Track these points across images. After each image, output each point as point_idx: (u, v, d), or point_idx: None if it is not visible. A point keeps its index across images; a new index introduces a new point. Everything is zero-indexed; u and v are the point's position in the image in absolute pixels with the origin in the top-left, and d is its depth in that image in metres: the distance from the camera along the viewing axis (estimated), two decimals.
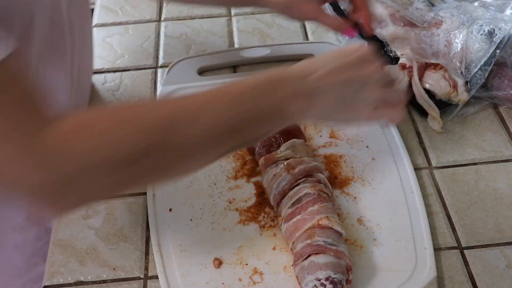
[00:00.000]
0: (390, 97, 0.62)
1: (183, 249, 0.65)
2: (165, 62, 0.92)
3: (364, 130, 0.78)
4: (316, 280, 0.57)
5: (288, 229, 0.63)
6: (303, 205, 0.63)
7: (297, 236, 0.62)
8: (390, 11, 0.89)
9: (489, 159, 0.76)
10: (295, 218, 0.63)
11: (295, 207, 0.64)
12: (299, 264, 0.60)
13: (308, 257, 0.59)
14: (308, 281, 0.58)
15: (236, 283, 0.62)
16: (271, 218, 0.68)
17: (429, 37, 0.85)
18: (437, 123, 0.79)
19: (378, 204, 0.69)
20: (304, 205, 0.63)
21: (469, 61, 0.82)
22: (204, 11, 1.02)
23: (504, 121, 0.81)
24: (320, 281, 0.57)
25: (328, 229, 0.61)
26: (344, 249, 0.61)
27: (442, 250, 0.66)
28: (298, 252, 0.61)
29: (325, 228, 0.61)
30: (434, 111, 0.79)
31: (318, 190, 0.65)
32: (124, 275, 0.65)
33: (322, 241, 0.60)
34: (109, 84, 0.88)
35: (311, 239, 0.60)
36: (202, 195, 0.71)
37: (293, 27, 0.98)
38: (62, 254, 0.67)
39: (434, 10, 0.91)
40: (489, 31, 0.81)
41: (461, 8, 0.88)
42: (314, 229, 0.61)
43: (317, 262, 0.58)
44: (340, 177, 0.72)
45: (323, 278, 0.57)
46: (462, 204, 0.71)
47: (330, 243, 0.60)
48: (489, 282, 0.63)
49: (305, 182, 0.66)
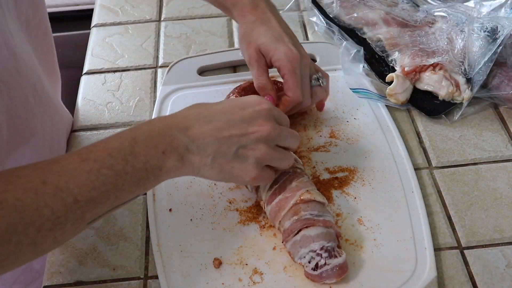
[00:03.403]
0: (279, 158, 0.61)
1: (183, 249, 0.65)
2: (165, 62, 0.92)
3: (364, 130, 0.78)
4: (311, 252, 0.60)
5: (272, 210, 0.65)
6: (281, 185, 0.65)
7: (283, 215, 0.63)
8: (381, 14, 0.90)
9: (489, 159, 0.76)
10: (277, 198, 0.64)
11: (274, 188, 0.65)
12: (291, 240, 0.62)
13: (299, 232, 0.61)
14: (302, 254, 0.61)
15: (236, 283, 0.62)
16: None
17: (424, 36, 0.86)
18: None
19: (378, 204, 0.69)
20: (282, 185, 0.65)
21: (471, 59, 0.82)
22: (204, 11, 1.02)
23: (504, 121, 0.81)
24: (315, 251, 0.60)
25: (311, 202, 0.63)
26: (330, 218, 0.63)
27: (442, 250, 0.66)
28: (288, 229, 0.62)
29: (308, 201, 0.63)
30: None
31: (292, 167, 0.66)
32: (124, 275, 0.65)
33: (308, 214, 0.62)
34: (109, 84, 0.88)
35: (298, 215, 0.62)
36: (202, 195, 0.71)
37: (293, 27, 0.97)
38: (62, 254, 0.66)
39: (422, 10, 0.91)
40: (492, 28, 0.82)
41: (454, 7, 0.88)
42: (298, 205, 0.63)
43: (309, 235, 0.61)
44: (340, 177, 0.72)
45: (317, 248, 0.60)
46: (462, 204, 0.71)
47: (317, 215, 0.62)
48: (489, 282, 0.63)
49: None
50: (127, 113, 0.84)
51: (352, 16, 0.92)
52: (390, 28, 0.88)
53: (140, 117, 0.83)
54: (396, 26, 0.88)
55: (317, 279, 0.61)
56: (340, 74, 0.85)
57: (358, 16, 0.92)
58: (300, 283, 0.62)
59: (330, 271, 0.60)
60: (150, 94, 0.87)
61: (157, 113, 0.81)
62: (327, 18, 0.94)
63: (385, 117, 0.80)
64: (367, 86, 0.84)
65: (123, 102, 0.85)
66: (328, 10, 0.95)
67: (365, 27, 0.91)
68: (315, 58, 0.90)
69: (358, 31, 0.92)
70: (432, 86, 0.82)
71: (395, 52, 0.86)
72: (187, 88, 0.84)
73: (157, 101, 0.83)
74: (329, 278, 0.60)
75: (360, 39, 0.90)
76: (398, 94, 0.81)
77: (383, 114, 0.80)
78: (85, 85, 0.89)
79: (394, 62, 0.86)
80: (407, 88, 0.82)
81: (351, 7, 0.93)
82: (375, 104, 0.82)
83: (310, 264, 0.60)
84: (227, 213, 0.69)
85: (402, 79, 0.81)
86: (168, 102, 0.83)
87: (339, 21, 0.93)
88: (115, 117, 0.83)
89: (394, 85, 0.81)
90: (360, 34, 0.91)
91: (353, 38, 0.90)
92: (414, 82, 0.83)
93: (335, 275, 0.60)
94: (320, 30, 0.95)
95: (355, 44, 0.89)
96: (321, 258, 0.60)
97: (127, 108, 0.84)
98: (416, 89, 0.83)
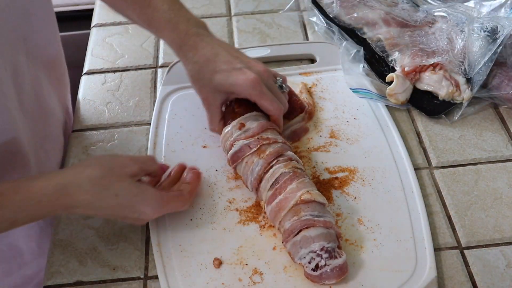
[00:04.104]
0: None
1: (183, 249, 0.65)
2: (165, 62, 0.92)
3: (364, 130, 0.78)
4: (311, 253, 0.60)
5: (272, 211, 0.65)
6: (281, 185, 0.65)
7: (283, 215, 0.63)
8: (381, 14, 0.90)
9: (489, 159, 0.76)
10: (278, 199, 0.64)
11: (274, 189, 0.65)
12: (291, 240, 0.62)
13: (299, 232, 0.61)
14: (302, 254, 0.61)
15: (236, 283, 0.62)
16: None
17: (424, 36, 0.86)
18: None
19: (378, 204, 0.69)
20: (282, 185, 0.65)
21: (471, 59, 0.82)
22: (204, 11, 1.02)
23: (504, 121, 0.81)
24: (315, 252, 0.60)
25: (312, 202, 0.63)
26: (330, 219, 0.63)
27: (442, 250, 0.66)
28: (288, 229, 0.62)
29: (309, 202, 0.63)
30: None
31: (292, 167, 0.66)
32: (124, 275, 0.65)
33: (309, 215, 0.62)
34: (109, 84, 0.88)
35: (298, 215, 0.62)
36: (202, 195, 0.71)
37: (293, 27, 0.98)
38: (62, 254, 0.66)
39: (422, 10, 0.92)
40: (492, 28, 0.82)
41: (454, 7, 0.88)
42: (298, 206, 0.63)
43: (309, 235, 0.61)
44: (340, 177, 0.72)
45: (317, 249, 0.60)
46: (462, 204, 0.71)
47: (317, 215, 0.62)
48: (489, 282, 0.63)
49: (277, 163, 0.67)
50: (127, 113, 0.84)
51: (352, 16, 0.92)
52: (390, 28, 0.88)
53: (140, 117, 0.83)
54: (396, 26, 0.88)
55: (317, 280, 0.61)
56: (340, 74, 0.85)
57: (358, 16, 0.92)
58: (300, 283, 0.62)
59: (330, 272, 0.60)
60: (150, 94, 0.86)
61: (157, 113, 0.81)
62: (327, 18, 0.94)
63: (385, 117, 0.80)
64: (367, 86, 0.84)
65: (123, 102, 0.85)
66: (328, 10, 0.95)
67: (365, 27, 0.91)
68: (315, 58, 0.90)
69: (358, 31, 0.92)
70: (432, 86, 0.82)
71: (395, 52, 0.86)
72: (187, 88, 0.84)
73: (157, 101, 0.83)
74: (329, 279, 0.60)
75: (360, 39, 0.90)
76: (398, 94, 0.81)
77: (383, 114, 0.80)
78: (85, 85, 0.89)
79: (394, 62, 0.86)
80: (407, 88, 0.82)
81: (351, 7, 0.93)
82: (375, 104, 0.81)
83: (310, 265, 0.60)
84: (227, 213, 0.69)
85: (402, 79, 0.81)
86: (168, 102, 0.83)
87: (339, 21, 0.93)
88: (115, 117, 0.83)
89: (394, 85, 0.81)
90: (360, 34, 0.91)
91: (353, 38, 0.90)
92: (414, 82, 0.83)
93: (335, 276, 0.60)
94: (320, 30, 0.95)
95: (355, 44, 0.89)
96: (321, 259, 0.60)
97: (127, 108, 0.84)
98: (416, 89, 0.83)
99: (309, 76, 0.87)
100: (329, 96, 0.83)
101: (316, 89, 0.84)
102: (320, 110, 0.81)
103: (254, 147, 0.68)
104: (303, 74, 0.87)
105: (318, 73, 0.87)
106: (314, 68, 0.88)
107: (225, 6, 1.03)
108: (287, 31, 0.97)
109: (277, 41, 0.95)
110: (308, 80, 0.86)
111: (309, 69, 0.88)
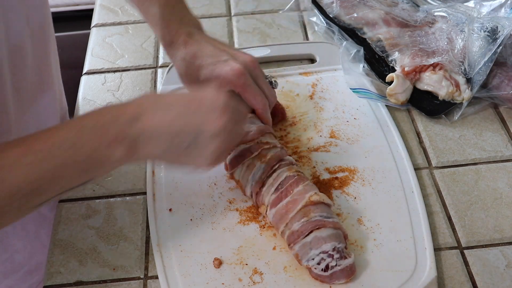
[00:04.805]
0: (234, 142, 0.62)
1: (183, 249, 0.65)
2: (165, 62, 0.92)
3: (364, 130, 0.78)
4: (322, 253, 0.60)
5: (277, 213, 0.64)
6: (287, 188, 0.65)
7: (291, 216, 0.63)
8: (381, 14, 0.90)
9: (489, 159, 0.76)
10: (284, 201, 0.64)
11: (279, 192, 0.65)
12: (300, 241, 0.62)
13: (309, 233, 0.61)
14: (312, 255, 0.61)
15: (236, 283, 0.62)
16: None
17: (424, 36, 0.86)
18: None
19: (378, 204, 0.69)
20: (288, 188, 0.65)
21: (471, 59, 0.82)
22: (204, 11, 1.02)
23: (504, 121, 0.81)
24: (327, 253, 0.60)
25: (320, 204, 0.63)
26: (338, 220, 0.64)
27: (442, 250, 0.66)
28: (297, 231, 0.62)
29: (317, 203, 0.63)
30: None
31: (296, 171, 0.66)
32: (124, 275, 0.65)
33: (318, 216, 0.62)
34: (109, 84, 0.88)
35: (307, 216, 0.62)
36: (202, 195, 0.71)
37: (293, 27, 0.98)
38: (62, 254, 0.67)
39: (422, 10, 0.92)
40: (492, 28, 0.82)
41: (454, 7, 0.88)
42: (307, 207, 0.63)
43: (321, 236, 0.61)
44: (340, 177, 0.72)
45: (329, 249, 0.60)
46: (462, 204, 0.71)
47: (326, 216, 0.62)
48: (489, 282, 0.63)
49: (280, 167, 0.67)
50: None
51: (352, 16, 0.92)
52: (390, 28, 0.88)
53: None
54: (396, 26, 0.88)
55: (327, 280, 0.61)
56: (340, 74, 0.85)
57: (358, 16, 0.92)
58: (300, 283, 0.62)
59: (340, 272, 0.60)
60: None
61: None
62: (327, 18, 0.94)
63: (385, 117, 0.80)
64: (367, 86, 0.84)
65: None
66: (328, 10, 0.95)
67: (365, 27, 0.91)
68: (315, 58, 0.90)
69: (358, 31, 0.92)
70: (432, 86, 0.82)
71: (395, 52, 0.86)
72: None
73: None
74: (339, 279, 0.61)
75: (360, 39, 0.90)
76: (398, 94, 0.81)
77: (383, 114, 0.80)
78: (85, 85, 0.89)
79: (394, 62, 0.86)
80: (407, 88, 0.82)
81: (351, 7, 0.93)
82: (375, 104, 0.82)
83: (320, 266, 0.60)
84: (227, 213, 0.69)
85: (402, 79, 0.81)
86: None
87: (339, 21, 0.93)
88: None
89: (394, 85, 0.81)
90: (360, 34, 0.91)
91: (353, 38, 0.91)
92: (414, 82, 0.83)
93: (344, 275, 0.61)
94: (320, 30, 0.95)
95: (355, 44, 0.89)
96: (332, 259, 0.60)
97: None
98: (416, 89, 0.83)
99: (309, 76, 0.87)
100: (329, 96, 0.83)
101: (316, 89, 0.84)
102: (320, 110, 0.81)
103: (255, 151, 0.68)
104: (303, 74, 0.87)
105: (318, 73, 0.87)
106: (314, 68, 0.88)
107: (225, 6, 1.03)
108: (287, 31, 0.97)
109: (277, 41, 0.95)
110: (308, 80, 0.86)
111: (309, 69, 0.88)
